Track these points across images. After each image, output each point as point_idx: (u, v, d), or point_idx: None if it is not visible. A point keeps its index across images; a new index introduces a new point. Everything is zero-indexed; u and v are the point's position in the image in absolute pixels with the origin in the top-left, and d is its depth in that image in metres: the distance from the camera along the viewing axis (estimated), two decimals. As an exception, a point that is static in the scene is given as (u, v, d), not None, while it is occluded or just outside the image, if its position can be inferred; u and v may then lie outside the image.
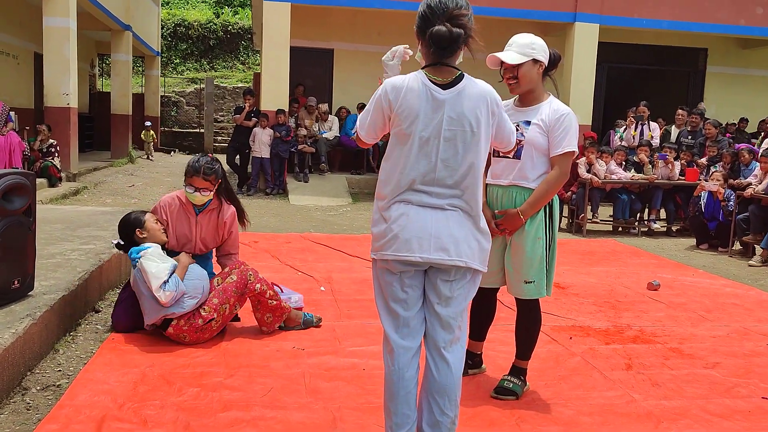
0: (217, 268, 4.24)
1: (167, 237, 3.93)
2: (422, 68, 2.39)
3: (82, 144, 14.25)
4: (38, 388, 3.09)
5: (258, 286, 3.84)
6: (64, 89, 10.88)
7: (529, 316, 3.24)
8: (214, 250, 4.21)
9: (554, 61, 3.16)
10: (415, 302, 2.41)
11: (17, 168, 8.62)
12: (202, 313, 3.69)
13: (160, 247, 3.81)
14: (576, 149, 3.09)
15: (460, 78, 2.36)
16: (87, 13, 13.15)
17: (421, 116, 2.32)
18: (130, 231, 3.84)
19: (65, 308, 3.74)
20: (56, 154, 10.25)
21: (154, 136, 18.24)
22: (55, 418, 2.77)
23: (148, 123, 17.80)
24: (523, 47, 3.05)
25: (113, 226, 4.06)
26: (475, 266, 2.38)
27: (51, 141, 10.28)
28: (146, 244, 3.77)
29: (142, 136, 17.66)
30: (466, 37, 2.32)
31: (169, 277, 3.60)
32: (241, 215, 4.18)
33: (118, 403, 2.93)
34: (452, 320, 2.39)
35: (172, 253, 3.92)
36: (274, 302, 3.90)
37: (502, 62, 3.06)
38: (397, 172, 2.37)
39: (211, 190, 3.93)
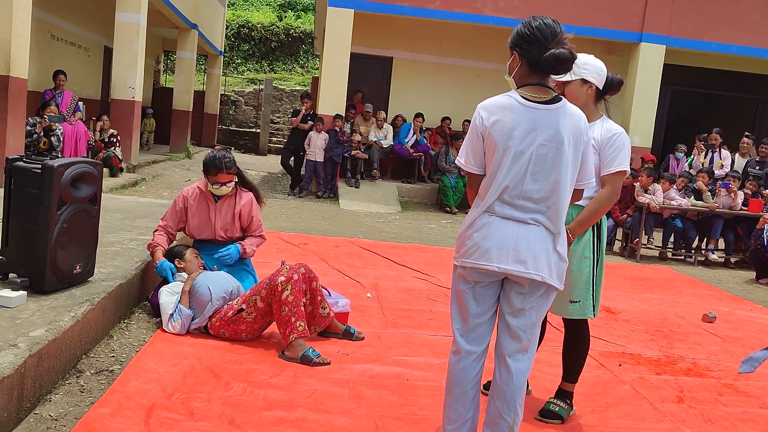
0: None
1: (198, 265, 4.14)
2: (516, 89, 2.46)
3: (142, 137, 14.63)
4: (92, 371, 3.18)
5: (285, 294, 3.62)
6: (131, 83, 11.23)
7: (577, 338, 3.19)
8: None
9: (612, 84, 3.13)
10: (485, 311, 2.53)
11: (84, 157, 8.94)
12: (233, 305, 3.79)
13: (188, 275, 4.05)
14: (627, 169, 3.05)
15: (558, 98, 2.44)
16: (157, 11, 13.56)
17: (516, 131, 2.39)
18: (171, 258, 4.14)
19: (121, 296, 3.85)
20: (117, 144, 10.58)
21: (154, 124, 17.15)
22: (107, 402, 2.85)
23: (150, 110, 16.92)
24: (575, 66, 3.04)
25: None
26: (551, 282, 2.44)
27: (112, 131, 10.61)
28: (180, 274, 4.07)
29: (142, 125, 16.31)
30: None
31: (174, 310, 3.79)
32: (258, 196, 4.40)
33: (167, 392, 2.99)
34: (521, 331, 2.48)
35: (198, 243, 4.26)
36: (285, 312, 3.61)
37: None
38: (489, 183, 2.45)
39: (233, 180, 4.18)
